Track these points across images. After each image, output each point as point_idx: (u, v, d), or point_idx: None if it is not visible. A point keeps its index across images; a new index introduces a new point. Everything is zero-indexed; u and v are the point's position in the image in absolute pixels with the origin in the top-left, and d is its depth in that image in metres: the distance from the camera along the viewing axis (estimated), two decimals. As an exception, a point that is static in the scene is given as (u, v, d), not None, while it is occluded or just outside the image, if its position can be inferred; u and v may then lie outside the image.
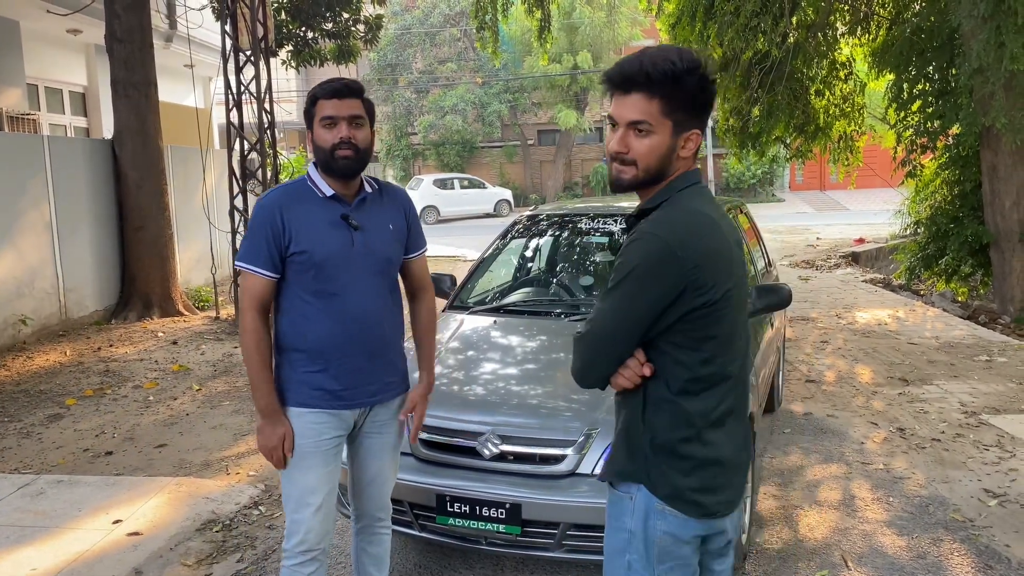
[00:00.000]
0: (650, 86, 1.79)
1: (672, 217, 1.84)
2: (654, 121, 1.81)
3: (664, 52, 1.80)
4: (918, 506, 4.15)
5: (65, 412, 6.23)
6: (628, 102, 1.81)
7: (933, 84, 9.32)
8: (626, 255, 1.83)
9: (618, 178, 1.87)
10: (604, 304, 1.87)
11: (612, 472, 1.98)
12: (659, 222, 1.84)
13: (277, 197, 2.56)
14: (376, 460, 2.76)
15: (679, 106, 1.81)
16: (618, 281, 1.83)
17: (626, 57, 1.86)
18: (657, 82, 1.78)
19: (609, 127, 1.88)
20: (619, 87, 1.83)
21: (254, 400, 2.57)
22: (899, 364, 6.94)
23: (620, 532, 1.95)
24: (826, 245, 16.70)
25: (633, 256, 1.81)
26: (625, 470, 1.94)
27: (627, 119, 1.82)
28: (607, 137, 1.91)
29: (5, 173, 8.27)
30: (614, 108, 1.85)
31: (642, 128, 1.81)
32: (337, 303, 2.54)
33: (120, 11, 9.42)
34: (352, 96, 2.52)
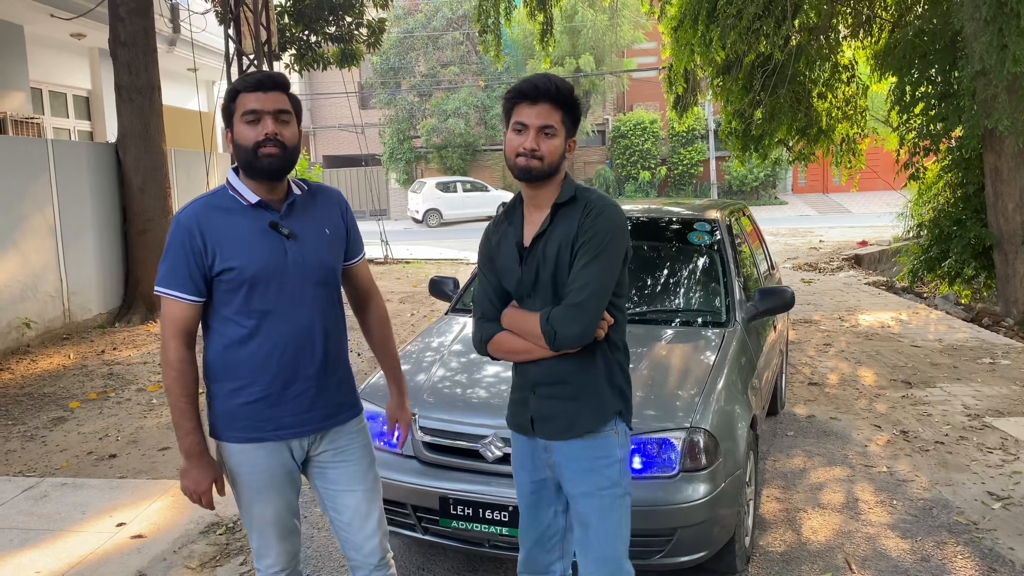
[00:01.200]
0: (557, 99, 2.25)
1: (605, 196, 2.37)
2: (557, 127, 2.27)
3: (557, 77, 2.30)
4: (922, 509, 4.15)
5: (69, 415, 6.25)
6: (538, 110, 2.25)
7: (936, 87, 9.32)
8: (601, 223, 2.26)
9: (528, 168, 2.27)
10: (594, 268, 2.24)
11: (591, 421, 2.34)
12: (603, 198, 2.34)
13: (195, 211, 2.29)
14: (349, 496, 2.48)
15: (570, 117, 2.30)
16: (603, 245, 2.25)
17: (533, 76, 2.29)
18: (562, 97, 2.26)
19: (512, 132, 2.29)
20: (530, 98, 2.25)
21: (178, 440, 2.32)
22: (902, 367, 6.93)
23: (610, 467, 2.35)
24: (829, 248, 16.68)
25: (608, 222, 2.27)
26: (606, 411, 2.36)
27: (539, 124, 2.25)
28: (509, 140, 2.30)
29: (9, 177, 8.30)
30: (525, 116, 2.25)
31: (549, 131, 2.26)
32: (274, 322, 2.29)
33: (124, 15, 9.46)
34: (277, 89, 2.26)
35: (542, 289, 2.34)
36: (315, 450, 2.45)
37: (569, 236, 2.29)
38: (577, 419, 2.35)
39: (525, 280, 2.36)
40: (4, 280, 8.16)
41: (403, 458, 3.37)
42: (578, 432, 2.35)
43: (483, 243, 2.52)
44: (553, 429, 2.38)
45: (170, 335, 2.27)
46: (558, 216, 2.33)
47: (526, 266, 2.36)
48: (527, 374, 2.40)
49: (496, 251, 2.45)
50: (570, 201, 2.33)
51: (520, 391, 2.45)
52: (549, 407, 2.37)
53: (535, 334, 2.29)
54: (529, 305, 2.37)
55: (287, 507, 2.44)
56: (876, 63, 10.18)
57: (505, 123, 2.35)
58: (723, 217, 4.77)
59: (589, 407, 2.35)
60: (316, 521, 4.12)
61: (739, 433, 3.33)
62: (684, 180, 30.31)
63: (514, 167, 2.31)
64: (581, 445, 2.36)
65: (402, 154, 31.43)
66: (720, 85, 10.71)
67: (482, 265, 2.50)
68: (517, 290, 2.39)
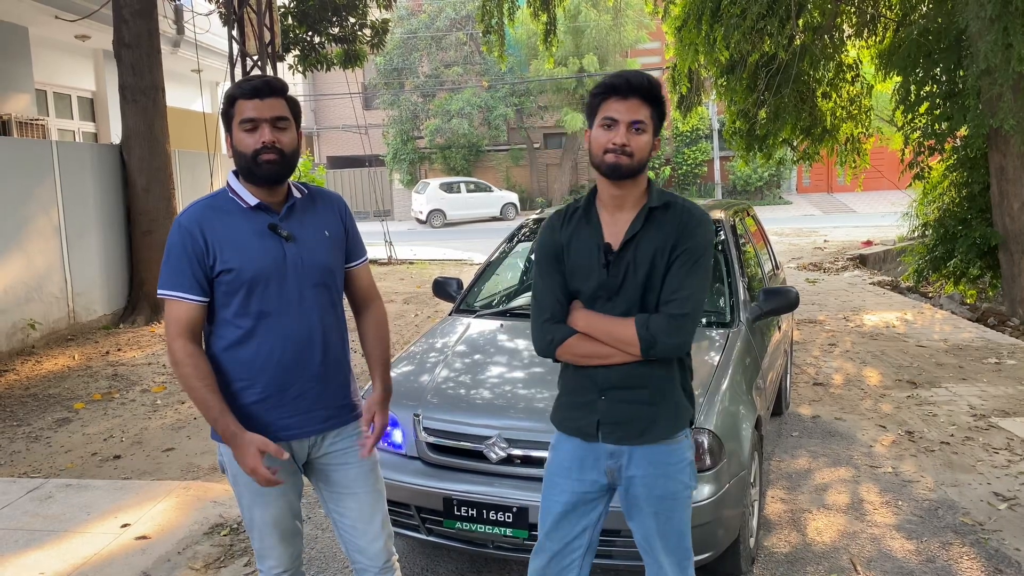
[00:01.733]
0: (648, 94, 2.22)
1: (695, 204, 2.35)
2: (647, 122, 2.23)
3: (646, 73, 2.28)
4: (927, 510, 4.13)
5: (74, 416, 6.26)
6: (629, 105, 2.21)
7: (940, 86, 9.29)
8: (701, 233, 2.27)
9: (618, 165, 2.22)
10: (695, 278, 2.24)
11: (668, 427, 2.33)
12: (696, 206, 2.33)
13: (195, 213, 2.30)
14: (352, 498, 2.47)
15: (658, 114, 2.27)
16: (703, 256, 2.26)
17: (623, 71, 2.28)
18: (653, 92, 2.23)
19: (599, 128, 2.24)
20: (621, 92, 2.21)
21: (216, 430, 2.27)
22: (907, 367, 6.92)
23: (683, 471, 2.37)
24: (833, 247, 16.65)
25: (708, 233, 2.29)
26: (682, 418, 2.36)
27: (629, 119, 2.21)
28: (596, 137, 2.25)
29: (14, 178, 8.32)
30: (615, 111, 2.21)
31: (639, 127, 2.22)
32: (274, 323, 2.30)
33: (128, 17, 9.48)
34: (274, 95, 2.26)
35: (627, 293, 2.27)
36: (317, 452, 2.45)
37: (667, 243, 2.24)
38: (653, 424, 2.31)
39: (610, 283, 2.28)
40: (9, 281, 8.18)
41: (407, 459, 3.37)
42: (652, 438, 2.32)
43: (547, 240, 2.39)
44: (625, 434, 2.32)
45: (175, 335, 2.26)
46: (650, 220, 2.28)
47: (614, 269, 2.28)
48: (594, 377, 2.32)
49: (567, 249, 2.33)
50: (664, 206, 2.29)
51: (582, 394, 2.36)
52: (622, 411, 2.32)
53: (625, 341, 2.24)
54: (604, 308, 2.29)
55: (288, 509, 2.45)
56: (881, 62, 10.15)
57: (590, 120, 2.28)
58: (727, 217, 4.76)
59: (666, 413, 2.33)
60: (320, 522, 4.12)
61: (744, 434, 3.32)
62: (688, 180, 30.28)
63: (601, 164, 2.24)
64: (654, 450, 2.33)
65: (406, 155, 31.45)
66: (724, 85, 10.70)
67: (545, 263, 2.37)
68: (595, 292, 2.30)
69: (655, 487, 2.33)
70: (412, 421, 3.38)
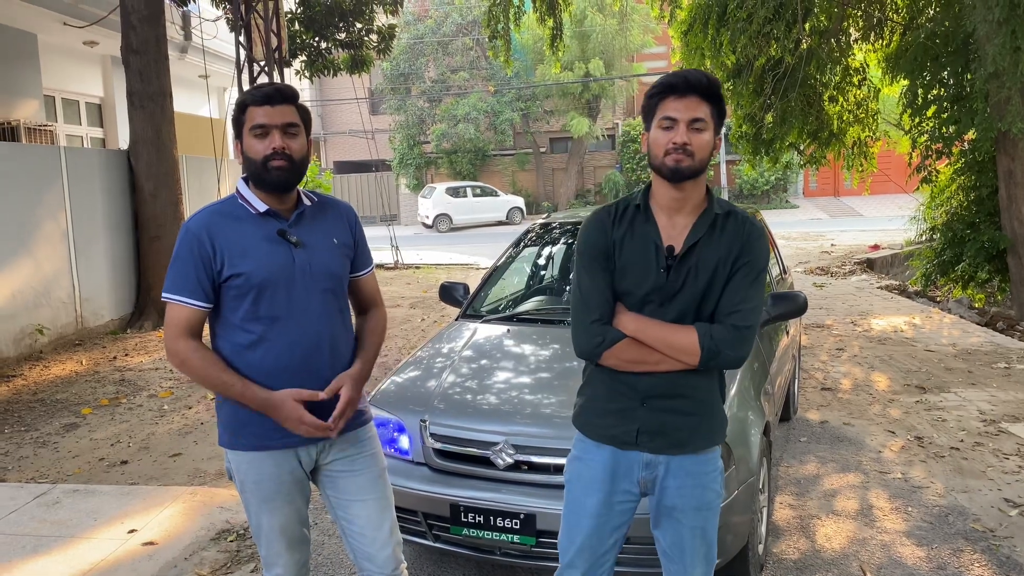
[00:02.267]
0: (706, 92, 2.15)
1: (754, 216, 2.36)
2: (707, 120, 2.16)
3: (703, 71, 2.21)
4: (937, 516, 4.11)
5: (81, 421, 6.27)
6: (687, 103, 2.14)
7: (948, 89, 9.27)
8: (762, 244, 2.24)
9: (679, 167, 2.15)
10: (757, 290, 2.22)
11: (708, 438, 2.31)
12: (755, 219, 2.32)
13: (204, 218, 2.31)
14: (360, 505, 2.47)
15: (718, 112, 2.19)
16: (761, 271, 2.22)
17: (680, 70, 2.22)
18: (712, 90, 2.16)
19: (658, 129, 2.17)
20: (679, 91, 2.14)
21: (246, 402, 2.27)
22: (916, 371, 6.88)
23: (716, 480, 2.34)
24: (840, 251, 16.60)
25: (766, 249, 2.27)
26: (721, 429, 2.35)
27: (689, 117, 2.13)
28: (655, 139, 2.17)
29: (23, 184, 8.35)
30: (673, 110, 2.14)
31: (699, 125, 2.14)
32: (282, 328, 2.30)
33: (136, 23, 9.52)
34: (285, 102, 2.28)
35: (684, 299, 2.21)
36: (324, 459, 2.45)
37: (730, 253, 2.19)
38: (695, 434, 2.28)
39: (668, 287, 2.20)
40: (18, 286, 8.21)
41: (413, 465, 3.37)
42: (693, 448, 2.29)
43: (595, 238, 2.27)
44: (665, 443, 2.27)
45: (177, 336, 2.27)
46: (713, 227, 2.22)
47: (674, 273, 2.20)
48: (635, 384, 2.25)
49: (619, 248, 2.24)
50: (727, 214, 2.24)
51: (619, 400, 2.29)
52: (664, 420, 2.26)
53: (683, 349, 2.17)
54: (654, 312, 2.21)
55: (296, 516, 2.44)
56: (887, 66, 10.13)
57: (647, 122, 2.21)
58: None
59: (708, 423, 2.31)
60: (327, 528, 4.11)
61: (752, 440, 3.30)
62: (694, 184, 30.21)
63: (662, 166, 2.16)
64: (693, 460, 2.30)
65: (412, 159, 31.51)
66: (731, 89, 10.68)
67: (594, 260, 2.26)
68: (647, 295, 2.22)
69: (692, 498, 2.30)
70: (419, 427, 3.37)
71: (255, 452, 2.36)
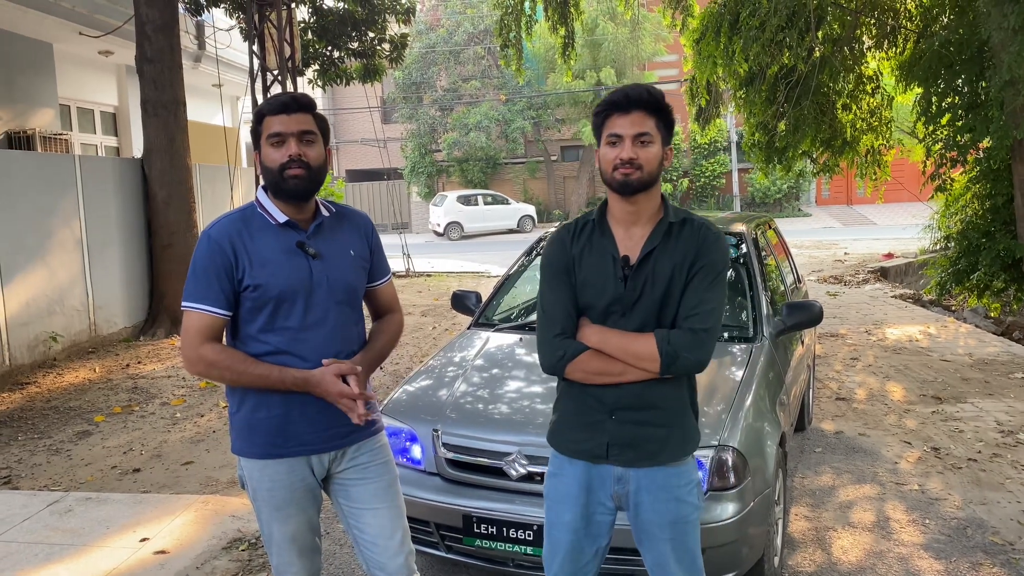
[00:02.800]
0: (649, 105, 2.20)
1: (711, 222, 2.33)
2: (653, 133, 2.21)
3: (647, 85, 2.29)
4: (955, 529, 4.05)
5: (94, 429, 6.28)
6: (632, 119, 2.19)
7: (963, 97, 9.20)
8: (720, 247, 2.26)
9: (627, 181, 2.20)
10: (715, 293, 2.22)
11: (680, 449, 2.30)
12: (712, 224, 2.31)
13: (226, 226, 2.31)
14: (372, 514, 2.46)
15: (664, 123, 2.24)
16: (719, 274, 2.23)
17: (623, 86, 2.26)
18: (655, 103, 2.20)
19: (606, 146, 2.22)
20: (622, 108, 2.20)
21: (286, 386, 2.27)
22: (932, 381, 6.81)
23: (691, 492, 2.32)
24: (854, 260, 16.51)
25: (725, 249, 2.28)
26: (693, 440, 2.34)
27: (634, 132, 2.19)
28: (604, 155, 2.23)
29: (38, 192, 8.40)
30: (619, 126, 2.20)
31: (645, 139, 2.19)
32: (298, 339, 2.31)
33: (151, 33, 9.58)
34: (302, 111, 2.29)
35: (643, 308, 2.24)
36: (336, 467, 2.45)
37: (686, 259, 2.22)
38: (665, 446, 2.28)
39: (626, 297, 2.23)
40: (32, 294, 8.25)
41: (426, 475, 3.35)
42: (664, 460, 2.29)
43: (557, 253, 2.34)
44: (636, 456, 2.28)
45: (198, 343, 2.26)
46: (668, 235, 2.26)
47: (631, 282, 2.24)
48: (602, 397, 2.27)
49: (579, 262, 2.29)
50: (681, 222, 2.28)
51: (589, 415, 2.30)
52: (634, 433, 2.27)
53: (643, 356, 2.19)
54: (618, 323, 2.24)
55: (307, 524, 2.44)
56: (901, 74, 10.07)
57: (597, 139, 2.27)
58: (749, 230, 4.72)
59: (679, 435, 2.30)
60: (339, 538, 4.10)
61: (768, 451, 3.27)
62: (706, 192, 30.18)
63: (612, 181, 2.22)
64: (665, 473, 2.29)
65: (424, 168, 31.58)
66: (743, 97, 10.64)
67: (554, 277, 2.32)
68: (608, 306, 2.26)
69: (667, 512, 2.29)
70: (431, 436, 3.36)
71: (268, 459, 2.36)
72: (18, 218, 8.09)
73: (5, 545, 4.05)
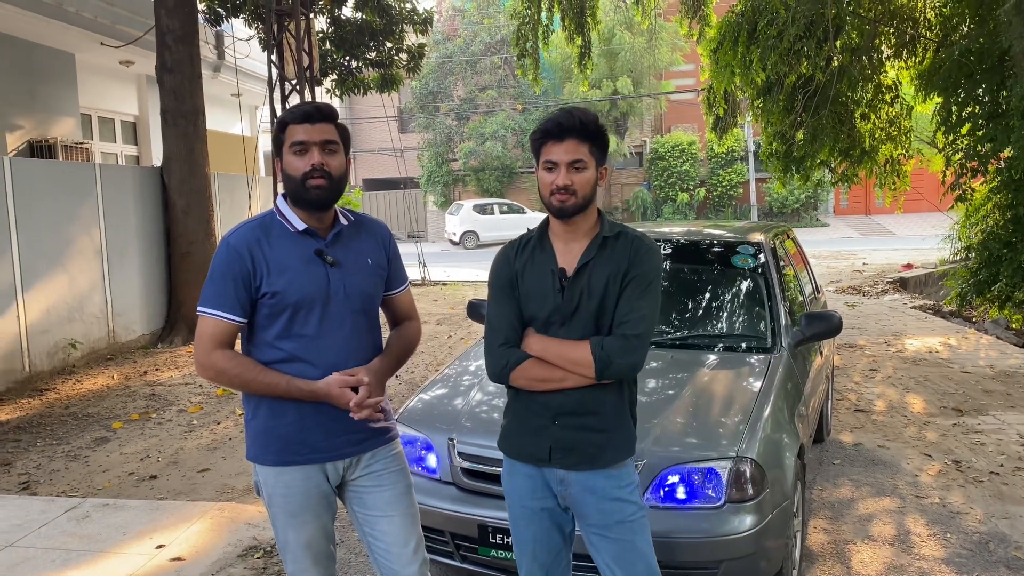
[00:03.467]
0: (582, 133, 2.29)
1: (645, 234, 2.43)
2: (587, 159, 2.30)
3: (582, 108, 2.34)
4: (977, 543, 3.99)
5: (112, 435, 6.32)
6: (566, 147, 2.29)
7: (983, 107, 9.11)
8: (650, 261, 2.35)
9: (563, 206, 2.31)
10: (647, 301, 2.31)
11: (619, 452, 2.38)
12: (646, 236, 2.41)
13: (245, 233, 2.33)
14: (387, 522, 2.46)
15: (598, 147, 2.33)
16: (651, 283, 2.33)
17: (556, 113, 2.32)
18: (586, 130, 2.29)
19: (543, 171, 2.32)
20: (555, 136, 2.29)
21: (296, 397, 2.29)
22: (952, 393, 6.73)
23: (632, 492, 2.40)
24: (872, 270, 16.38)
25: (657, 260, 2.38)
26: (631, 444, 2.42)
27: (568, 159, 2.29)
28: (541, 178, 2.33)
29: (59, 200, 8.49)
30: (554, 154, 2.30)
31: (579, 166, 2.29)
32: (313, 347, 2.32)
33: (171, 43, 9.68)
34: (324, 120, 2.31)
35: (581, 318, 2.34)
36: (351, 475, 2.45)
37: (619, 269, 2.33)
38: (605, 450, 2.37)
39: (564, 308, 2.35)
40: (52, 301, 8.33)
41: (441, 484, 3.34)
42: (604, 463, 2.37)
43: (502, 267, 2.48)
44: (576, 459, 2.37)
45: (210, 349, 2.28)
46: (603, 247, 2.36)
47: (568, 293, 2.35)
48: (547, 403, 2.37)
49: (521, 276, 2.42)
50: (615, 236, 2.38)
51: (534, 419, 2.41)
52: (574, 437, 2.37)
53: (579, 362, 2.29)
54: (559, 333, 2.35)
55: (322, 532, 2.44)
56: (921, 83, 9.99)
57: (536, 161, 2.37)
58: (767, 240, 4.69)
59: (618, 439, 2.39)
60: (353, 546, 4.09)
61: (786, 462, 3.24)
62: (724, 202, 30.06)
63: (549, 204, 2.34)
64: (604, 475, 2.38)
65: (440, 177, 31.67)
66: (760, 106, 10.60)
67: (499, 290, 2.46)
68: (549, 317, 2.37)
69: (611, 512, 2.37)
70: (446, 445, 3.35)
71: (283, 466, 2.37)
72: (39, 226, 8.17)
73: (23, 550, 4.08)
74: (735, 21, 9.60)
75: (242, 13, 12.68)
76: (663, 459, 3.02)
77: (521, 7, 11.71)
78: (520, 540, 2.52)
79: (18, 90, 10.56)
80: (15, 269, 7.84)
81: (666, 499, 2.99)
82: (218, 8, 12.47)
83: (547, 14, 11.67)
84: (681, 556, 2.88)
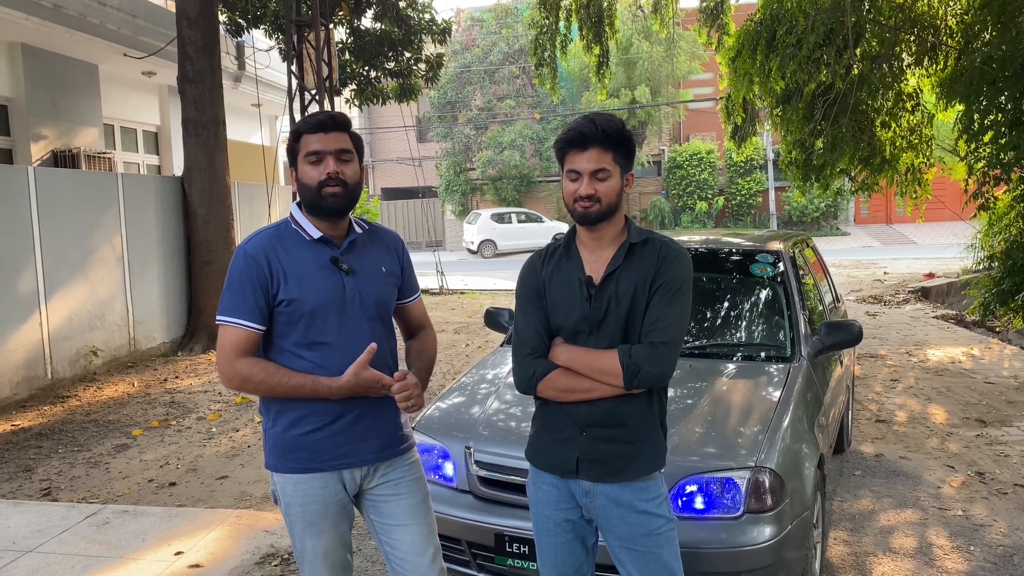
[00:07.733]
0: (605, 141, 2.26)
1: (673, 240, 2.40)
2: (611, 167, 2.28)
3: (606, 116, 2.31)
4: (1001, 556, 3.93)
5: (132, 442, 6.37)
6: (588, 156, 2.26)
7: (1006, 114, 9.01)
8: (680, 265, 2.31)
9: (587, 214, 2.29)
10: (676, 308, 2.27)
11: (647, 465, 2.34)
12: (674, 241, 2.37)
13: (261, 241, 2.35)
14: (404, 530, 2.46)
15: (623, 154, 2.30)
16: (682, 288, 2.28)
17: (578, 122, 2.29)
18: (609, 138, 2.26)
19: (567, 180, 2.31)
20: (578, 145, 2.27)
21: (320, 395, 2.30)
22: (975, 404, 6.65)
23: (661, 505, 2.36)
24: (893, 280, 16.22)
25: (686, 266, 2.33)
26: (660, 457, 2.39)
27: (591, 168, 2.26)
28: (565, 187, 2.32)
29: (81, 209, 8.59)
30: (577, 163, 2.27)
31: (602, 175, 2.27)
32: (330, 354, 2.33)
33: (192, 54, 9.79)
34: (338, 129, 2.33)
35: (609, 327, 2.31)
36: (368, 483, 2.46)
37: (647, 276, 2.30)
38: (633, 462, 2.33)
39: (592, 317, 2.31)
40: (74, 309, 8.42)
41: (458, 492, 3.33)
42: (631, 476, 2.34)
43: (528, 277, 2.46)
44: (603, 471, 2.34)
45: (234, 358, 2.30)
46: (630, 255, 2.34)
47: (596, 302, 2.32)
48: (574, 414, 2.34)
49: (548, 285, 2.39)
50: (643, 242, 2.35)
51: (561, 430, 2.38)
52: (602, 449, 2.34)
53: (608, 371, 2.26)
54: (587, 342, 2.32)
55: (340, 540, 2.44)
56: (942, 91, 9.89)
57: (560, 168, 2.35)
58: (787, 248, 4.65)
59: (647, 451, 2.35)
60: (371, 554, 4.09)
61: (806, 473, 3.20)
62: (742, 210, 29.93)
63: (573, 212, 2.32)
64: (632, 488, 2.34)
65: (458, 186, 31.76)
66: (780, 115, 10.55)
67: (526, 299, 2.43)
68: (577, 326, 2.33)
69: (638, 525, 2.34)
70: (463, 454, 3.34)
71: (301, 475, 2.37)
72: (62, 234, 8.27)
73: (43, 556, 4.11)
74: (754, 29, 9.58)
75: (262, 24, 12.81)
76: (681, 469, 2.99)
77: (539, 16, 11.75)
78: (543, 550, 2.49)
79: (42, 101, 10.71)
80: (39, 277, 7.94)
81: (684, 509, 2.97)
82: (239, 19, 12.61)
83: (565, 23, 11.69)
84: (699, 567, 2.86)
